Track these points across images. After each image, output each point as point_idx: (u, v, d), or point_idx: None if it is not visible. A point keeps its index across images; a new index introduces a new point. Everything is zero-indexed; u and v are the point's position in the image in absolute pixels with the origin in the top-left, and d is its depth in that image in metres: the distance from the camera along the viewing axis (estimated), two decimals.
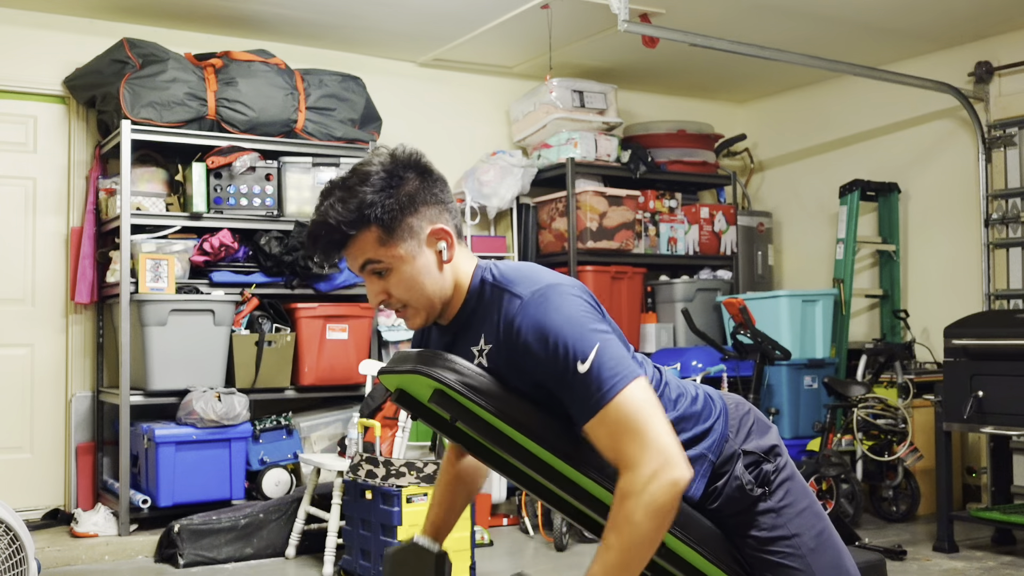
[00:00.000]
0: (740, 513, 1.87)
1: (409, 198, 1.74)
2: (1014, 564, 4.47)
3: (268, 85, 5.14)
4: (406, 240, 1.75)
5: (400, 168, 1.76)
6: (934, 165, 6.12)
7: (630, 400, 1.62)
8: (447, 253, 1.78)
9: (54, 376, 5.27)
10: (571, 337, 1.65)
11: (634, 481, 1.59)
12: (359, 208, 1.72)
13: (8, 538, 3.18)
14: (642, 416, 1.62)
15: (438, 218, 1.78)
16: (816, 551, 1.87)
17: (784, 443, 1.96)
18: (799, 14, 5.37)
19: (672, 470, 1.59)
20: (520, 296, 1.71)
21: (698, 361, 5.59)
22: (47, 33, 5.25)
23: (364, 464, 4.04)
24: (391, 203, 1.73)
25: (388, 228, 1.73)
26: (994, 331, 4.58)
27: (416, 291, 1.77)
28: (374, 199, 1.72)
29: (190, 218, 5.06)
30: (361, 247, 1.75)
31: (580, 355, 1.63)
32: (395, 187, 1.74)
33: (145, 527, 4.80)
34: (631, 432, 1.61)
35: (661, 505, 1.59)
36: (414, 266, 1.76)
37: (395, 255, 1.75)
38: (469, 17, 5.35)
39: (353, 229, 1.73)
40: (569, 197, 5.92)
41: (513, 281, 1.75)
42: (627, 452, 1.61)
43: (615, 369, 1.63)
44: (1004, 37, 5.73)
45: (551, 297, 1.69)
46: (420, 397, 1.86)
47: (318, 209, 1.78)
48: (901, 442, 5.30)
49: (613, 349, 1.66)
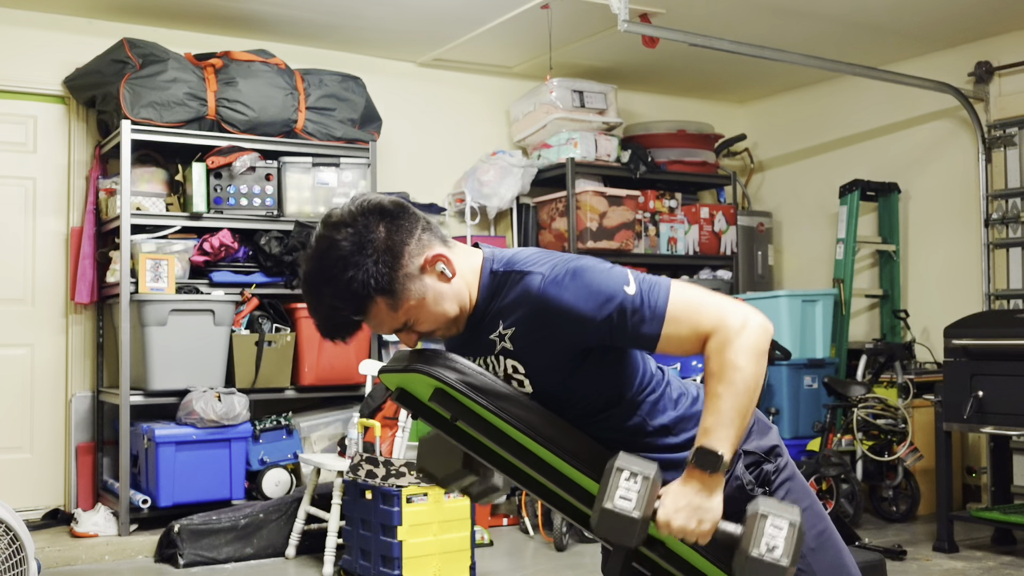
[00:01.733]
0: (740, 513, 1.86)
1: (390, 253, 1.70)
2: (1014, 564, 4.47)
3: (268, 85, 5.14)
4: (410, 289, 1.72)
5: (364, 229, 1.69)
6: (934, 165, 6.13)
7: (684, 291, 1.71)
8: (449, 270, 1.76)
9: (54, 376, 5.27)
10: (606, 279, 1.70)
11: (726, 333, 1.66)
12: (355, 294, 1.68)
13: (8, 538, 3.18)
14: (703, 298, 1.71)
15: (421, 247, 1.74)
16: (817, 551, 1.87)
17: (784, 443, 1.96)
18: (799, 14, 5.37)
19: (757, 315, 1.68)
20: (540, 272, 1.73)
21: (698, 361, 5.60)
22: (47, 33, 5.25)
23: (364, 464, 4.05)
24: (379, 269, 1.68)
25: (390, 292, 1.70)
26: (994, 331, 4.58)
27: (441, 319, 1.77)
28: (363, 277, 1.67)
29: (190, 218, 5.06)
30: (378, 320, 1.73)
31: (623, 282, 1.70)
32: (372, 252, 1.68)
33: (145, 527, 4.80)
34: (703, 312, 1.68)
35: (757, 345, 1.65)
36: (429, 303, 1.74)
37: (409, 308, 1.73)
38: (469, 17, 5.35)
39: (361, 314, 1.71)
40: (569, 197, 5.93)
41: (523, 262, 1.77)
42: (708, 325, 1.68)
43: (653, 281, 1.72)
44: (1004, 37, 5.73)
45: (569, 264, 1.73)
46: (420, 396, 1.86)
47: (316, 310, 1.74)
48: (901, 442, 5.30)
49: (640, 275, 1.74)
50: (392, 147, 5.95)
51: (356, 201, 1.74)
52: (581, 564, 4.50)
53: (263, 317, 5.11)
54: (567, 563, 4.54)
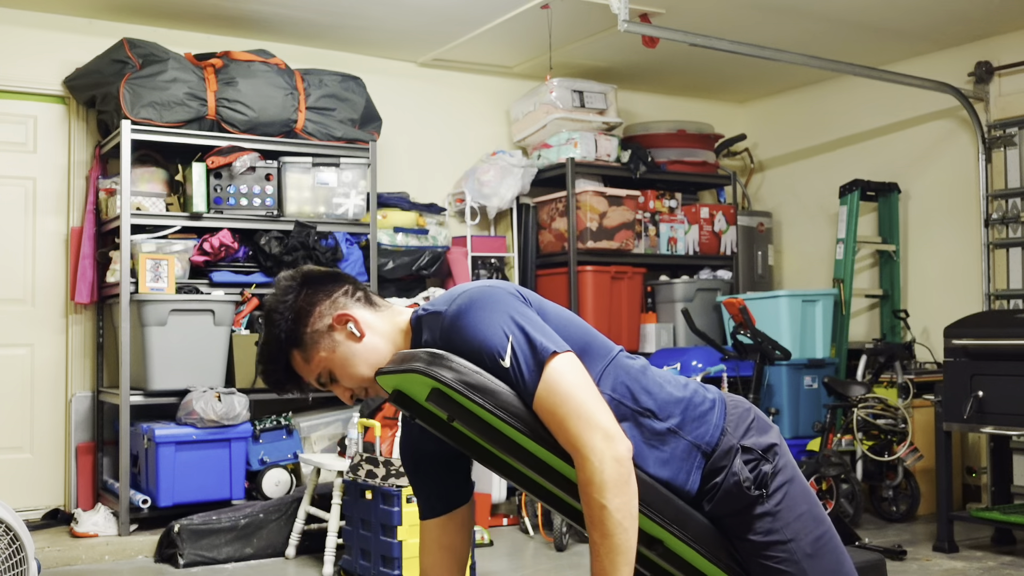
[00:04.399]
0: (736, 514, 1.86)
1: (297, 312, 1.90)
2: (1014, 564, 4.47)
3: (268, 85, 5.14)
4: (318, 343, 1.90)
5: (282, 294, 1.92)
6: (934, 165, 6.12)
7: (554, 381, 1.72)
8: (357, 329, 1.90)
9: (54, 376, 5.27)
10: (486, 337, 1.76)
11: (585, 470, 1.69)
12: (273, 349, 1.91)
13: (8, 538, 3.18)
14: (570, 395, 1.71)
15: (334, 307, 1.92)
16: (813, 557, 1.85)
17: (786, 443, 1.95)
18: (799, 14, 5.37)
19: (612, 447, 1.69)
20: (441, 311, 1.84)
21: (698, 361, 5.60)
22: (47, 33, 5.25)
23: (364, 464, 4.04)
24: (288, 326, 1.90)
25: (299, 345, 1.90)
26: (994, 331, 4.57)
27: (355, 375, 1.91)
28: (277, 333, 1.90)
29: (190, 218, 5.06)
30: (299, 371, 1.94)
31: (499, 352, 1.75)
32: (285, 311, 1.91)
33: (145, 527, 4.80)
34: (565, 414, 1.71)
35: (617, 482, 1.68)
36: (339, 357, 1.91)
37: (320, 360, 1.91)
38: (469, 17, 5.35)
39: (278, 363, 1.92)
40: (569, 197, 5.92)
41: (436, 303, 1.89)
42: (568, 435, 1.71)
43: (533, 355, 1.74)
44: (1004, 37, 5.73)
45: (463, 304, 1.81)
46: (417, 397, 1.86)
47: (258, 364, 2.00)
48: (901, 442, 5.30)
49: (529, 334, 1.75)
50: (392, 147, 5.95)
51: (290, 271, 1.99)
52: (581, 564, 4.49)
53: None
54: (567, 563, 4.54)
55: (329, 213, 5.35)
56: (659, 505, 1.80)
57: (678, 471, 1.84)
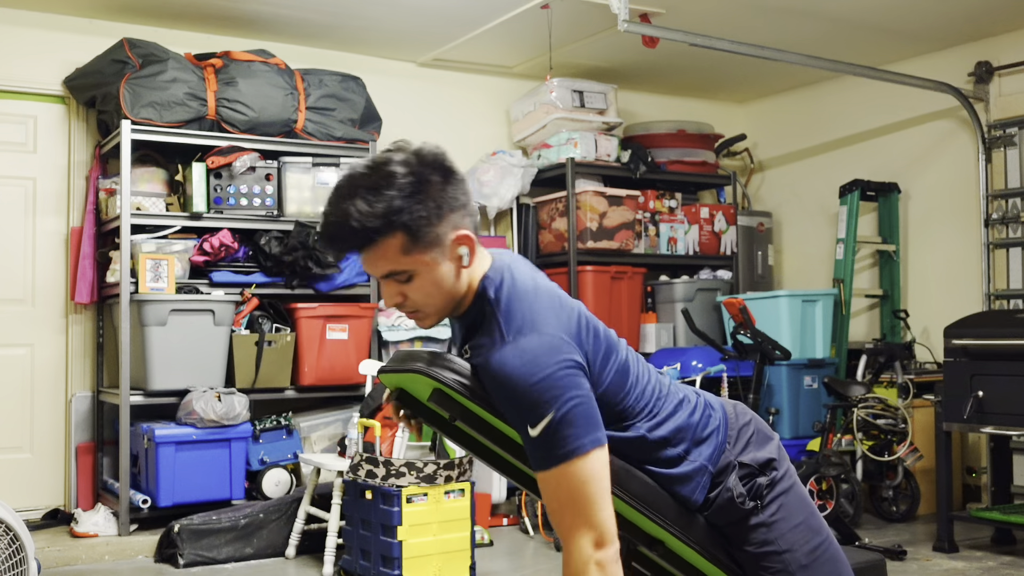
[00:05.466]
0: (732, 524, 1.86)
1: (436, 205, 1.67)
2: (1014, 564, 4.47)
3: (268, 85, 5.14)
4: (431, 249, 1.68)
5: (427, 170, 1.68)
6: (934, 165, 6.12)
7: (580, 471, 1.64)
8: (467, 259, 1.73)
9: (54, 376, 5.27)
10: (528, 401, 1.64)
11: (568, 564, 1.69)
12: (387, 213, 1.64)
13: (8, 538, 3.18)
14: (588, 487, 1.65)
15: (461, 223, 1.72)
16: (809, 568, 1.84)
17: (784, 444, 1.94)
18: (799, 14, 5.37)
19: (599, 553, 1.66)
20: (503, 338, 1.68)
21: (698, 361, 5.59)
22: (47, 33, 5.25)
23: (364, 464, 4.04)
24: (419, 209, 1.65)
25: (415, 236, 1.66)
26: (994, 331, 4.57)
27: (433, 298, 1.74)
28: (402, 205, 1.64)
29: (190, 218, 5.05)
30: (383, 253, 1.68)
31: (531, 420, 1.64)
32: (423, 192, 1.66)
33: (145, 527, 4.80)
34: (574, 501, 1.66)
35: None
36: (435, 274, 1.71)
37: (419, 262, 1.69)
38: (469, 17, 5.35)
39: (378, 235, 1.65)
40: (569, 197, 5.92)
41: (506, 315, 1.71)
42: (564, 521, 1.68)
43: (565, 442, 1.64)
44: (1004, 37, 5.73)
45: (526, 352, 1.65)
46: (420, 396, 1.86)
47: (336, 206, 1.66)
48: (901, 442, 5.29)
49: (570, 418, 1.63)
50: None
51: (431, 148, 1.71)
52: None
53: (263, 317, 5.11)
54: None
55: None
56: (660, 507, 1.80)
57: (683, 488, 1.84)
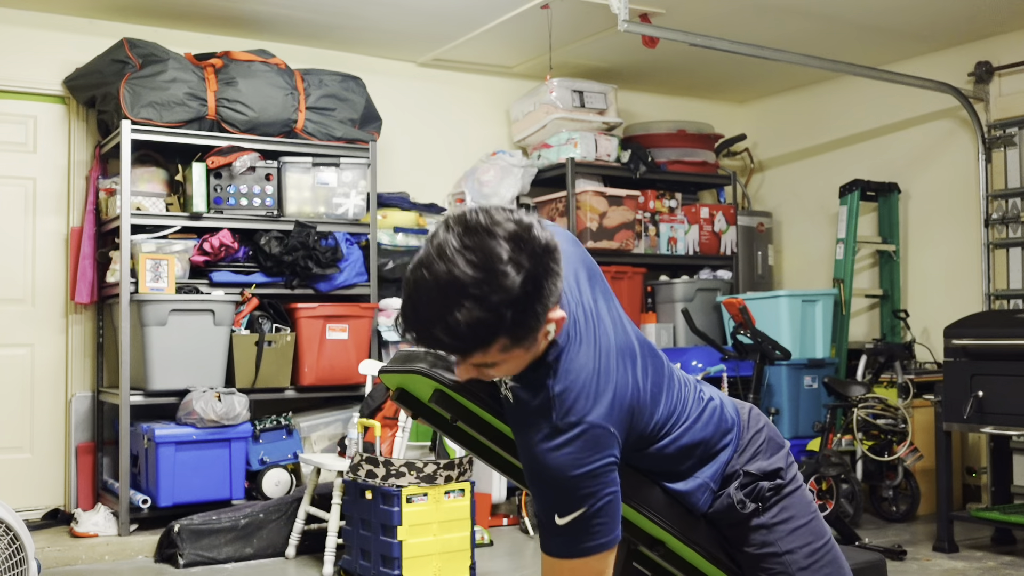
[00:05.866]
0: (733, 526, 1.86)
1: (544, 306, 1.51)
2: (1014, 564, 4.47)
3: (268, 85, 5.14)
4: (529, 338, 1.54)
5: (542, 271, 1.49)
6: (934, 165, 6.13)
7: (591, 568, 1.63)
8: (554, 333, 1.59)
9: (54, 376, 5.27)
10: (564, 490, 1.59)
11: None
12: (494, 327, 1.48)
13: (8, 538, 3.18)
14: None
15: (555, 305, 1.56)
16: (808, 570, 1.84)
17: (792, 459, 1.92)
18: (799, 14, 5.37)
19: None
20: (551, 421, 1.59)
21: (698, 361, 5.60)
22: (47, 33, 5.25)
23: (364, 464, 4.04)
24: (527, 319, 1.50)
25: (517, 340, 1.52)
26: (994, 331, 4.58)
27: (516, 370, 1.62)
28: (512, 318, 1.48)
29: (190, 218, 5.05)
30: (483, 355, 1.55)
31: (561, 510, 1.60)
32: (537, 300, 1.49)
33: (145, 527, 4.80)
34: None
35: None
36: (525, 358, 1.59)
37: (515, 355, 1.56)
38: (469, 17, 5.35)
39: (482, 348, 1.52)
40: (569, 197, 5.92)
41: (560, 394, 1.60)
42: None
43: (592, 537, 1.61)
44: (1004, 37, 5.73)
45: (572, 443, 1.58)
46: (421, 396, 1.86)
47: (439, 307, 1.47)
48: (901, 442, 5.30)
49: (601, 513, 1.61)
50: (392, 147, 5.95)
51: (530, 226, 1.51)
52: None
53: (263, 317, 5.11)
54: None
55: (329, 213, 5.35)
56: (661, 508, 1.80)
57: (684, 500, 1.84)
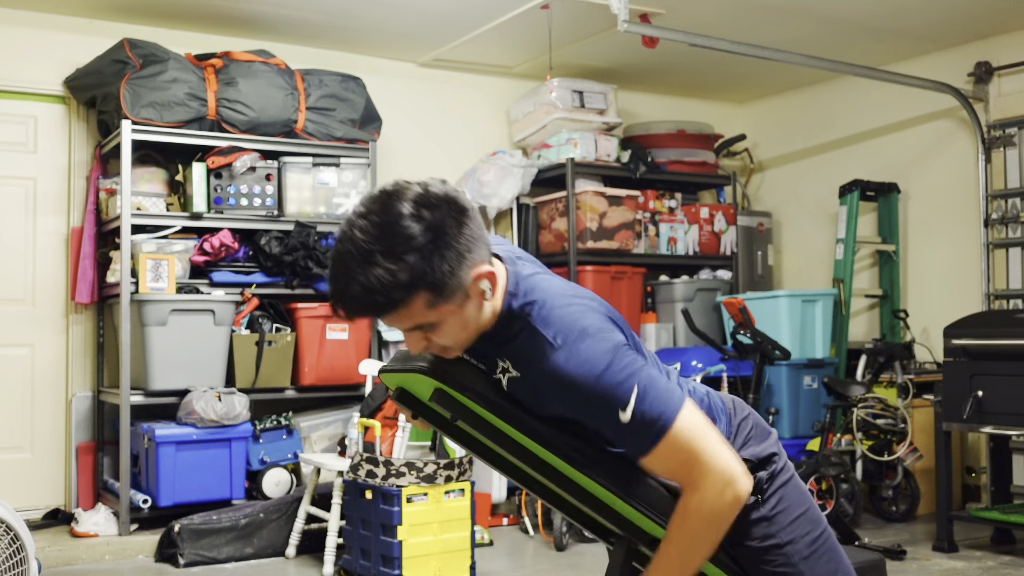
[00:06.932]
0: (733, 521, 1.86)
1: (457, 253, 1.58)
2: (1014, 564, 4.47)
3: (268, 85, 5.15)
4: (455, 295, 1.61)
5: (441, 216, 1.58)
6: (934, 165, 6.13)
7: (681, 432, 1.63)
8: (490, 292, 1.66)
9: (54, 376, 5.27)
10: (607, 390, 1.61)
11: (700, 502, 1.65)
12: (411, 280, 1.55)
13: (8, 538, 3.18)
14: (696, 442, 1.64)
15: (479, 258, 1.63)
16: (810, 559, 1.85)
17: (783, 444, 1.95)
18: (799, 14, 5.37)
19: (734, 488, 1.65)
20: (553, 345, 1.63)
21: (698, 361, 5.60)
22: (47, 33, 5.25)
23: (364, 464, 4.05)
24: (441, 265, 1.56)
25: (439, 291, 1.58)
26: (994, 331, 4.58)
27: (461, 336, 1.68)
28: (424, 267, 1.55)
29: (190, 218, 5.06)
30: (408, 313, 1.60)
31: (620, 404, 1.61)
32: (443, 246, 1.57)
33: (145, 527, 4.80)
34: (689, 460, 1.64)
35: (723, 519, 1.67)
36: (462, 316, 1.64)
37: (444, 311, 1.62)
38: (469, 17, 5.35)
39: (401, 303, 1.57)
40: (569, 197, 5.93)
41: (540, 317, 1.66)
42: (689, 476, 1.65)
43: (658, 407, 1.62)
44: (1004, 37, 5.73)
45: (583, 350, 1.62)
46: (421, 396, 1.86)
47: (351, 275, 1.56)
48: (901, 442, 5.30)
49: (652, 384, 1.63)
50: (392, 147, 5.95)
51: (434, 186, 1.61)
52: (581, 564, 4.50)
53: (263, 317, 5.12)
54: (567, 563, 4.54)
55: (329, 213, 5.35)
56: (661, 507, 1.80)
57: None
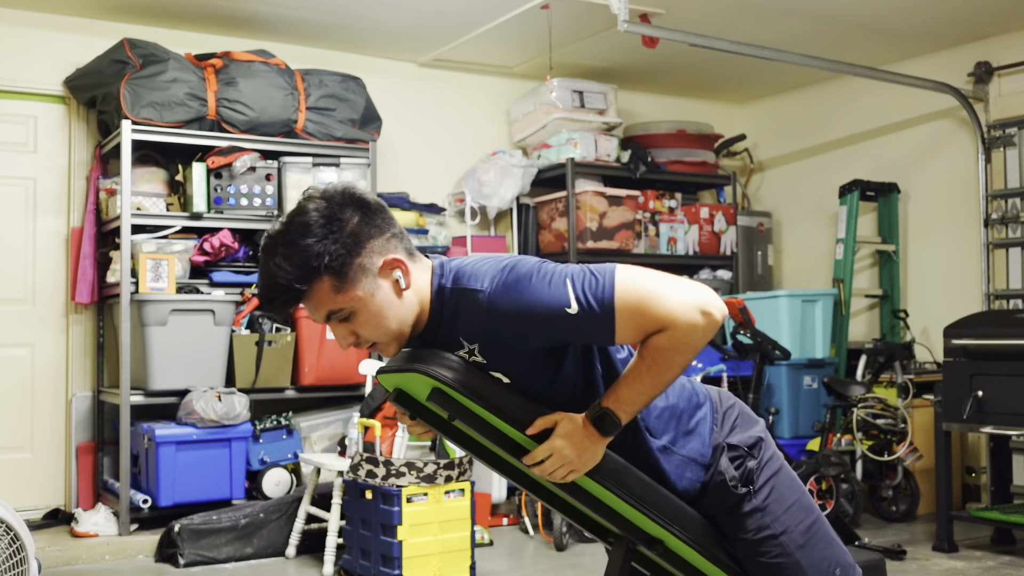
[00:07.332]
0: (727, 514, 1.87)
1: (354, 238, 1.72)
2: (1013, 564, 4.47)
3: (268, 85, 5.14)
4: (361, 281, 1.73)
5: (337, 209, 1.73)
6: (934, 165, 6.13)
7: (626, 289, 1.66)
8: (404, 280, 1.77)
9: (54, 376, 5.27)
10: (545, 299, 1.67)
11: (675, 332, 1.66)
12: (306, 262, 1.69)
13: (8, 538, 3.18)
14: (645, 290, 1.67)
15: (386, 248, 1.76)
16: (805, 547, 1.87)
17: (784, 445, 1.96)
18: (799, 14, 5.37)
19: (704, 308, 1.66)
20: (481, 290, 1.72)
21: (698, 361, 5.60)
22: (47, 33, 5.25)
23: (364, 464, 4.05)
24: (337, 248, 1.70)
25: (340, 274, 1.71)
26: (994, 331, 4.58)
27: (382, 327, 1.77)
28: (320, 249, 1.69)
29: (190, 218, 5.06)
30: (319, 299, 1.73)
31: (563, 303, 1.66)
32: (337, 231, 1.71)
33: (145, 527, 4.80)
34: (648, 309, 1.66)
35: (698, 344, 1.68)
36: (375, 304, 1.74)
37: (353, 298, 1.73)
38: (469, 17, 5.35)
39: (305, 284, 1.70)
40: (569, 197, 5.93)
41: (467, 277, 1.75)
42: (657, 322, 1.67)
43: (593, 284, 1.67)
44: (1004, 37, 5.73)
45: (508, 281, 1.70)
46: (418, 396, 1.86)
47: (264, 267, 1.73)
48: (901, 442, 5.30)
49: (578, 271, 1.69)
50: (392, 147, 5.95)
51: (341, 185, 1.77)
52: (581, 564, 4.50)
53: (263, 317, 5.12)
54: (567, 563, 4.54)
55: None
56: (660, 505, 1.81)
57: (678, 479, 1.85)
